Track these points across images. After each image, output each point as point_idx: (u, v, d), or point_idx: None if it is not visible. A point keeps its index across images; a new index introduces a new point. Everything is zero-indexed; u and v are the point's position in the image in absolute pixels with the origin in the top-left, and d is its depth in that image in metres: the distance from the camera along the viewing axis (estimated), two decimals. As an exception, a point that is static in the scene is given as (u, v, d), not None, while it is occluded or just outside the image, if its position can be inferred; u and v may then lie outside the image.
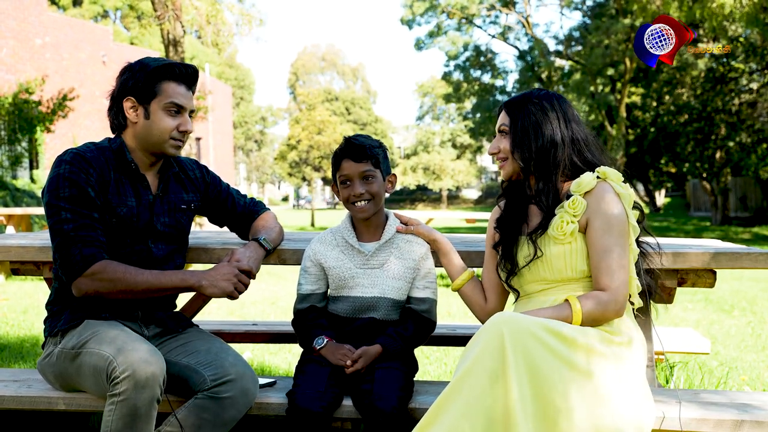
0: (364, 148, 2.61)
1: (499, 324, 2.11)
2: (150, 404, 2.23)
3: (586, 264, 2.36)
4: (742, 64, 21.81)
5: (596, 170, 2.40)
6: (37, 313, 6.54)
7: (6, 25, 17.27)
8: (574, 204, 2.35)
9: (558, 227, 2.35)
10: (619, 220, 2.33)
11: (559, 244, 2.36)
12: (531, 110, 2.42)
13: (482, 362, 2.08)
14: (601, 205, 2.33)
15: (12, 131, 15.56)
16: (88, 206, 2.42)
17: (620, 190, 2.37)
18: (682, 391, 2.73)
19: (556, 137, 2.40)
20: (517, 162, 2.44)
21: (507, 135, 2.46)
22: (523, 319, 2.13)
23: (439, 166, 52.99)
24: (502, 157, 2.49)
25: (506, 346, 2.06)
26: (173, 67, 2.55)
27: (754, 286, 9.17)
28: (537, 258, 2.39)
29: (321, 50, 61.83)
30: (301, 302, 2.71)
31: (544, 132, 2.40)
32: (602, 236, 2.31)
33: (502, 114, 2.51)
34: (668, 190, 40.83)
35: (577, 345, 2.14)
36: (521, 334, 2.08)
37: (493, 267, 2.61)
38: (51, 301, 2.60)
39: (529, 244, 2.41)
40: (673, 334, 4.01)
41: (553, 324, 2.15)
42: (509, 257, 2.48)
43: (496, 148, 2.49)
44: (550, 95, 2.47)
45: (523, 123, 2.42)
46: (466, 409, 2.05)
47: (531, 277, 2.44)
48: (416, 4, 31.12)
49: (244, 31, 14.54)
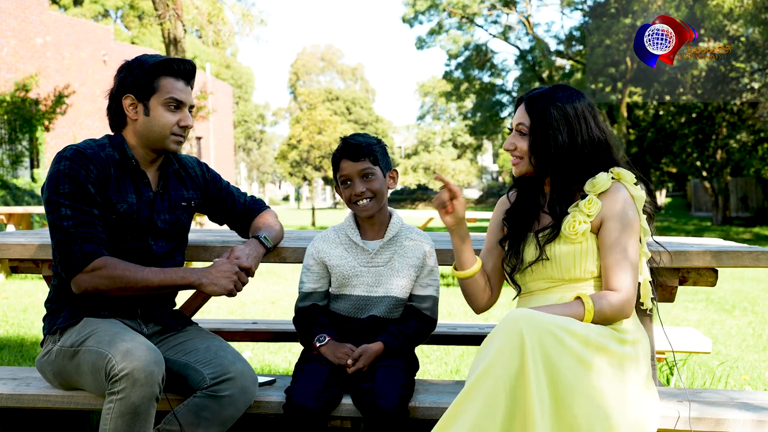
0: (360, 147, 2.60)
1: (517, 321, 2.09)
2: (149, 402, 2.22)
3: (594, 264, 2.35)
4: (743, 64, 21.79)
5: (610, 171, 2.38)
6: (37, 312, 6.53)
7: (7, 24, 17.26)
8: (589, 204, 2.33)
9: (570, 226, 2.33)
10: (632, 221, 2.33)
11: (570, 244, 2.34)
12: (553, 115, 2.35)
13: (501, 359, 2.05)
14: (616, 206, 2.32)
15: (12, 130, 15.56)
16: (88, 203, 2.42)
17: (634, 192, 2.37)
18: (683, 390, 2.72)
19: (575, 144, 2.35)
20: (532, 165, 2.41)
21: (525, 135, 2.41)
22: (540, 317, 2.12)
23: (439, 166, 52.95)
24: (517, 155, 2.44)
25: (525, 343, 2.04)
26: (171, 62, 2.54)
27: (756, 286, 9.16)
28: (541, 260, 2.37)
29: (321, 50, 61.82)
30: (302, 300, 2.70)
31: (565, 140, 2.34)
32: (615, 237, 2.30)
33: (521, 111, 2.43)
34: (669, 190, 40.81)
35: (593, 344, 2.13)
36: (540, 331, 2.07)
37: (492, 256, 2.57)
38: (50, 299, 2.59)
39: (536, 246, 2.39)
40: (674, 333, 4.00)
41: (568, 323, 2.14)
42: (516, 253, 2.45)
43: (512, 145, 2.43)
44: (573, 96, 2.39)
45: (544, 128, 2.35)
46: (485, 410, 2.03)
47: (537, 275, 2.42)
48: (418, 3, 31.13)
49: (245, 31, 14.52)
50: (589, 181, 2.37)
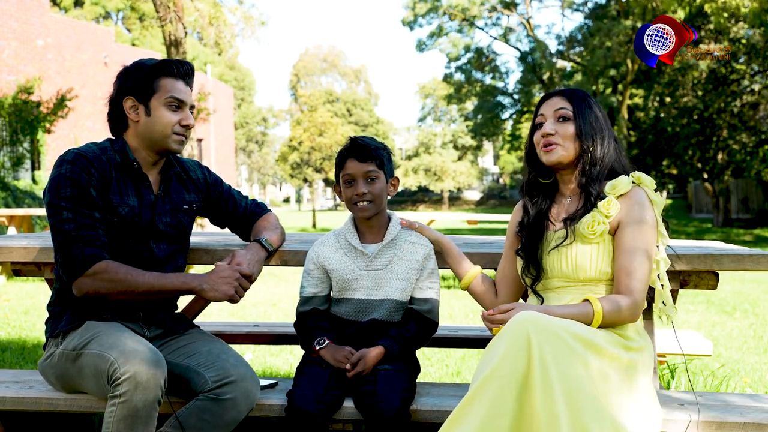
0: (369, 149, 2.61)
1: (524, 323, 2.09)
2: (151, 406, 2.23)
3: (609, 266, 2.36)
4: (744, 66, 21.80)
5: (631, 174, 2.41)
6: (39, 314, 6.54)
7: (8, 26, 17.28)
8: (608, 205, 2.34)
9: (589, 226, 2.34)
10: (650, 226, 2.34)
11: (587, 243, 2.35)
12: (592, 103, 2.47)
13: (507, 362, 2.04)
14: (635, 209, 2.34)
15: (13, 132, 15.58)
16: (89, 206, 2.42)
17: (653, 197, 2.38)
18: (683, 393, 2.73)
19: (609, 136, 2.45)
20: (579, 148, 2.42)
21: (569, 120, 2.43)
22: (547, 319, 2.11)
23: (440, 168, 52.97)
24: (555, 141, 2.43)
25: (532, 345, 2.04)
26: (169, 64, 2.55)
27: (756, 288, 9.16)
28: (565, 245, 2.37)
29: (323, 52, 61.82)
30: (303, 305, 2.70)
31: (604, 128, 2.45)
32: (632, 240, 2.31)
33: (559, 99, 2.47)
34: (670, 191, 40.80)
35: (599, 349, 2.13)
36: (547, 334, 2.06)
37: (510, 261, 2.61)
38: (52, 302, 2.60)
39: (560, 233, 2.40)
40: (674, 336, 3.99)
41: (575, 326, 2.14)
42: (534, 262, 2.46)
43: (552, 130, 2.43)
44: (595, 100, 2.54)
45: (589, 113, 2.44)
46: (491, 413, 2.02)
47: (551, 273, 2.42)
48: (418, 6, 31.15)
49: (246, 33, 14.54)
50: (610, 183, 2.39)
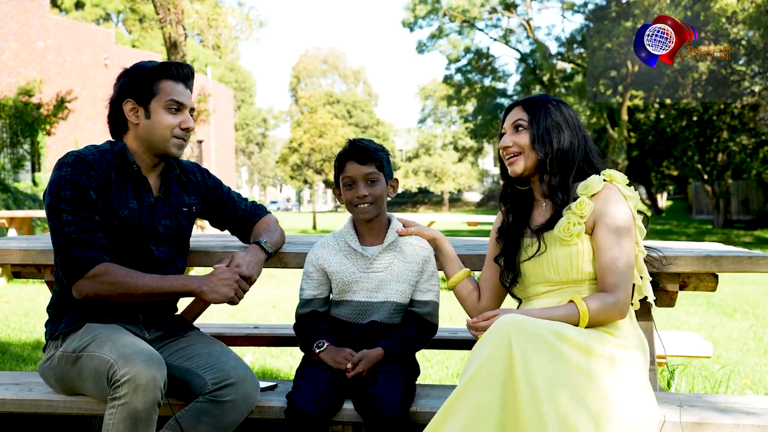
0: (369, 151, 2.61)
1: (506, 326, 2.11)
2: (151, 408, 2.23)
3: (591, 266, 2.37)
4: (744, 67, 21.80)
5: (602, 173, 2.43)
6: (39, 316, 6.54)
7: (8, 27, 17.29)
8: (581, 205, 2.36)
9: (564, 228, 2.36)
10: (626, 221, 2.35)
11: (566, 246, 2.37)
12: (551, 109, 2.47)
13: (490, 365, 2.07)
14: (608, 206, 2.35)
15: (14, 134, 15.59)
16: (89, 209, 2.42)
17: (627, 192, 2.41)
18: (683, 394, 2.73)
19: (573, 138, 2.45)
20: (537, 156, 2.44)
21: (525, 130, 2.46)
22: (529, 321, 2.13)
23: (440, 169, 53.00)
24: (515, 152, 2.48)
25: (514, 348, 2.06)
26: (169, 66, 2.55)
27: (756, 290, 9.16)
28: (539, 254, 2.40)
29: (323, 53, 61.85)
30: (303, 307, 2.70)
31: (563, 130, 2.45)
32: (609, 237, 2.33)
33: (517, 110, 2.51)
34: (670, 193, 40.82)
35: (582, 347, 2.14)
36: (529, 335, 2.08)
37: (492, 267, 2.63)
38: (52, 305, 2.60)
39: (534, 242, 2.43)
40: (674, 337, 4.00)
41: (558, 326, 2.16)
42: (511, 267, 2.50)
43: (510, 142, 2.48)
44: (561, 102, 2.53)
45: (545, 119, 2.45)
46: (476, 414, 2.04)
47: (535, 279, 2.44)
48: (418, 7, 31.13)
49: (245, 35, 14.55)
50: (582, 183, 2.42)
